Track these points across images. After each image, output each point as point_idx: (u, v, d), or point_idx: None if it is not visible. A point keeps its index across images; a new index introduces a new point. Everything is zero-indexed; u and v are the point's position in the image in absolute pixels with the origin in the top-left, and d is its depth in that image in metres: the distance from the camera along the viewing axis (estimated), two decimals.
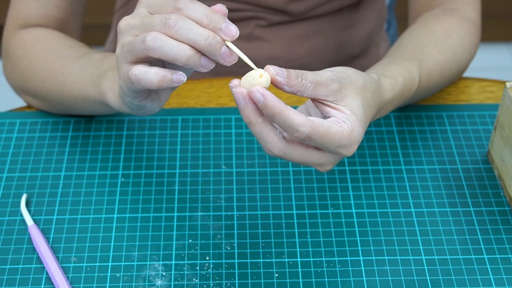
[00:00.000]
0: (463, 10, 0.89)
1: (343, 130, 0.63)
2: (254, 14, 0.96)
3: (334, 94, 0.63)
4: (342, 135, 0.62)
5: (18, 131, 0.86)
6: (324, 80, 0.63)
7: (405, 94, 0.75)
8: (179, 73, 0.62)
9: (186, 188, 0.79)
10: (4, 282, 0.71)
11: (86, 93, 0.77)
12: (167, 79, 0.61)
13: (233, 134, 0.85)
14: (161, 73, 0.62)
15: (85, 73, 0.77)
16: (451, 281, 0.71)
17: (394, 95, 0.73)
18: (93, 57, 0.79)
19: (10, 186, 0.80)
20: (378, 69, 0.75)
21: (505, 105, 0.78)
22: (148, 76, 0.62)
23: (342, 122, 0.63)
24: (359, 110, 0.65)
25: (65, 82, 0.80)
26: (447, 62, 0.83)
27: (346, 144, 0.63)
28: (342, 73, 0.65)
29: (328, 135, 0.61)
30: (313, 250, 0.74)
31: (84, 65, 0.78)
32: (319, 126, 0.61)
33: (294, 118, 0.60)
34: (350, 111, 0.64)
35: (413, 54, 0.80)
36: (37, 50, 0.83)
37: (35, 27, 0.87)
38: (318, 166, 0.65)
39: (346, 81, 0.65)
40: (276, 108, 0.59)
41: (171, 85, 0.62)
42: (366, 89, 0.67)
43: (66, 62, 0.80)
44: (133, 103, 0.67)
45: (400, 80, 0.74)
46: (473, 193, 0.79)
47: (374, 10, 1.04)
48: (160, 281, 0.71)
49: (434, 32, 0.84)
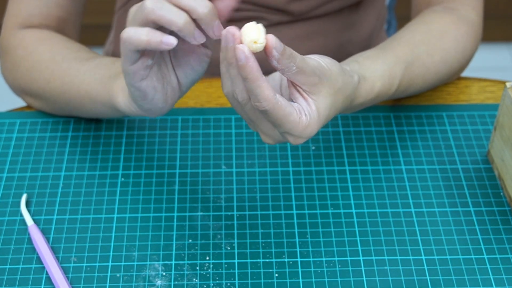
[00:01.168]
0: (463, 11, 0.89)
1: (300, 122, 0.64)
2: (255, 14, 0.96)
3: (310, 85, 0.65)
4: (297, 126, 0.64)
5: (18, 131, 0.86)
6: (308, 70, 0.64)
7: (376, 99, 0.77)
8: (170, 36, 0.63)
9: (186, 188, 0.79)
10: (4, 282, 0.71)
11: (94, 94, 0.77)
12: (157, 38, 0.63)
13: (233, 134, 0.85)
14: (151, 32, 0.63)
15: (94, 75, 0.77)
16: (451, 281, 0.71)
17: (365, 101, 0.74)
18: (104, 60, 0.79)
19: (10, 186, 0.80)
20: (365, 63, 0.75)
21: (505, 105, 0.78)
22: (138, 33, 0.63)
23: (303, 114, 0.65)
24: (324, 111, 0.66)
25: (71, 83, 0.79)
26: (434, 65, 0.83)
27: (295, 135, 0.65)
28: (327, 69, 0.66)
29: (284, 120, 0.63)
30: (313, 250, 0.74)
31: (93, 67, 0.78)
32: (279, 109, 0.63)
33: (263, 90, 0.62)
34: (316, 108, 0.66)
35: (404, 53, 0.80)
36: (42, 51, 0.83)
37: (37, 27, 0.87)
38: (261, 133, 0.67)
39: (326, 78, 0.66)
40: (252, 73, 0.61)
41: (160, 46, 0.63)
42: (340, 92, 0.68)
43: (73, 64, 0.80)
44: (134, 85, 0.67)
45: (378, 86, 0.75)
46: (473, 193, 0.79)
47: (374, 10, 1.05)
48: (160, 281, 0.71)
49: (431, 30, 0.84)
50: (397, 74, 0.78)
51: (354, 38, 1.02)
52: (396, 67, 0.78)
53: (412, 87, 0.82)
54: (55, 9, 0.88)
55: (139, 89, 0.67)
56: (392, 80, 0.77)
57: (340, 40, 1.01)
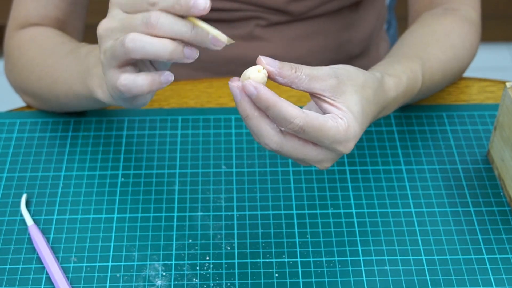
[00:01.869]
0: (463, 11, 0.89)
1: (339, 125, 0.62)
2: (254, 14, 0.96)
3: (331, 89, 0.63)
4: (338, 130, 0.62)
5: (18, 131, 0.86)
6: (320, 75, 0.63)
7: (408, 93, 0.75)
8: (166, 73, 0.62)
9: (186, 188, 0.79)
10: (4, 282, 0.71)
11: (76, 90, 0.77)
12: (156, 82, 0.62)
13: (233, 134, 0.85)
14: (149, 78, 0.62)
15: (72, 70, 0.77)
16: (451, 281, 0.71)
17: (398, 94, 0.72)
18: (79, 53, 0.78)
19: (10, 186, 0.80)
20: (381, 68, 0.74)
21: (505, 105, 0.78)
22: (137, 84, 0.62)
23: (338, 118, 0.63)
24: (356, 107, 0.64)
25: (57, 80, 0.80)
26: (449, 61, 0.83)
27: (341, 140, 0.63)
28: (342, 69, 0.65)
29: (323, 129, 0.61)
30: (313, 250, 0.74)
31: (72, 62, 0.78)
32: (313, 119, 0.61)
33: (288, 110, 0.60)
34: (347, 108, 0.64)
35: (416, 53, 0.80)
36: (33, 49, 0.84)
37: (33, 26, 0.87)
38: (316, 163, 0.65)
39: (345, 77, 0.64)
40: (270, 100, 0.60)
41: (160, 87, 0.62)
42: (367, 86, 0.66)
43: (57, 59, 0.80)
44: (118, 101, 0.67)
45: (404, 79, 0.74)
46: (473, 193, 0.79)
47: (374, 10, 1.05)
48: (160, 281, 0.71)
49: (435, 31, 0.84)
50: (417, 69, 0.77)
51: (354, 38, 1.02)
52: (413, 63, 0.77)
53: (433, 83, 0.81)
54: (53, 11, 0.88)
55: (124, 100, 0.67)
56: (415, 74, 0.76)
57: (340, 40, 1.01)
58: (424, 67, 0.78)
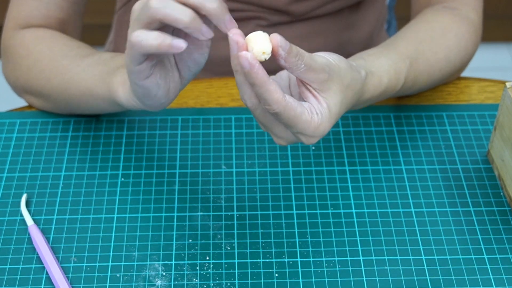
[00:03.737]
0: (464, 11, 0.89)
1: (312, 121, 0.64)
2: (255, 14, 0.96)
3: (319, 82, 0.65)
4: (309, 125, 0.64)
5: (18, 131, 0.86)
6: (316, 67, 0.64)
7: (384, 94, 0.77)
8: (179, 40, 0.62)
9: (186, 188, 0.79)
10: (4, 282, 0.71)
11: (94, 90, 0.77)
12: (166, 43, 0.62)
13: (233, 134, 0.85)
14: (161, 36, 0.62)
15: (93, 71, 0.77)
16: (451, 281, 0.71)
17: (372, 96, 0.74)
18: (103, 56, 0.79)
19: (10, 186, 0.80)
20: (370, 59, 0.75)
21: (505, 105, 0.78)
22: (148, 37, 0.63)
23: (314, 113, 0.65)
24: (335, 108, 0.66)
25: (71, 80, 0.79)
26: (438, 62, 0.83)
27: (308, 134, 0.65)
28: (335, 65, 0.66)
29: (295, 120, 0.63)
30: (313, 250, 0.74)
31: (92, 63, 0.78)
32: (290, 109, 0.63)
33: (272, 94, 0.62)
34: (327, 105, 0.66)
35: (407, 50, 0.80)
36: (41, 49, 0.83)
37: (37, 27, 0.87)
38: (274, 137, 0.68)
39: (335, 74, 0.66)
40: (258, 79, 0.61)
41: (170, 49, 0.62)
42: (350, 88, 0.68)
43: (73, 61, 0.80)
44: (138, 83, 0.67)
45: (385, 81, 0.75)
46: (473, 193, 0.79)
47: (375, 10, 1.05)
48: (160, 281, 0.71)
49: (433, 28, 0.84)
50: (402, 69, 0.78)
51: (354, 38, 1.02)
52: (400, 63, 0.78)
53: (417, 84, 0.82)
54: (55, 10, 0.88)
55: (142, 87, 0.67)
56: (398, 75, 0.77)
57: (340, 40, 1.01)
58: (410, 68, 0.79)
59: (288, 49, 0.62)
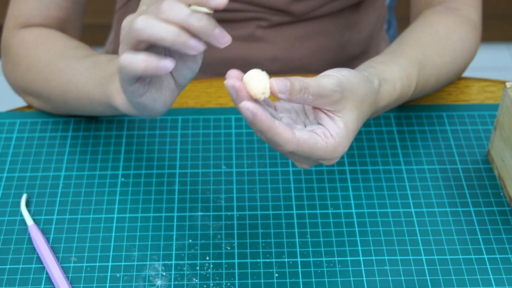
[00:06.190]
0: (464, 11, 0.89)
1: (328, 146, 0.63)
2: (256, 14, 0.96)
3: (333, 104, 0.64)
4: (326, 151, 0.63)
5: (18, 131, 0.86)
6: (326, 93, 0.63)
7: (399, 100, 0.77)
8: (166, 60, 0.61)
9: (186, 188, 0.79)
10: (4, 282, 0.71)
11: (92, 94, 0.77)
12: (153, 65, 0.60)
13: (233, 134, 0.85)
14: (147, 59, 0.61)
15: (90, 75, 0.77)
16: (451, 281, 0.71)
17: (389, 103, 0.74)
18: (99, 59, 0.78)
19: (10, 186, 0.80)
20: (381, 67, 0.75)
21: (505, 105, 0.78)
22: (134, 61, 0.61)
23: (329, 137, 0.63)
24: (352, 125, 0.65)
25: (69, 83, 0.79)
26: (445, 65, 0.83)
27: (327, 158, 0.64)
28: (347, 82, 0.65)
29: (312, 151, 0.62)
30: (313, 250, 0.74)
31: (90, 67, 0.78)
32: (304, 144, 0.62)
33: (281, 135, 0.61)
34: (344, 125, 0.64)
35: (416, 55, 0.80)
36: (40, 49, 0.83)
37: (37, 26, 0.87)
38: (297, 163, 0.66)
39: (348, 92, 0.65)
40: (264, 125, 0.60)
41: (157, 71, 0.61)
42: (364, 101, 0.67)
43: (71, 63, 0.80)
44: (133, 100, 0.67)
45: (398, 87, 0.75)
46: (473, 193, 0.79)
47: (375, 11, 1.05)
48: (160, 281, 0.71)
49: (437, 32, 0.84)
50: (413, 75, 0.78)
51: (354, 38, 1.02)
52: (411, 68, 0.78)
53: (426, 88, 0.82)
54: (55, 10, 0.88)
55: (139, 103, 0.67)
56: (410, 81, 0.77)
57: (340, 40, 1.01)
58: (420, 73, 0.79)
59: (289, 89, 0.61)
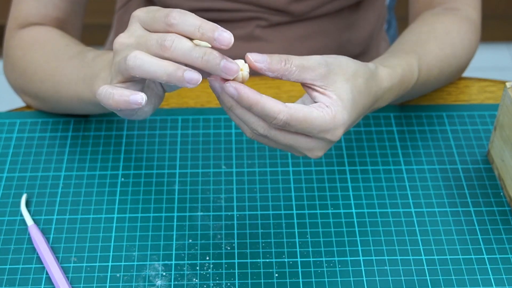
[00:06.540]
0: (464, 10, 0.89)
1: (325, 114, 0.63)
2: (255, 14, 0.96)
3: (321, 78, 0.64)
4: (324, 119, 0.63)
5: (18, 131, 0.86)
6: (311, 64, 0.63)
7: (404, 85, 0.75)
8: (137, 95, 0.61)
9: (186, 188, 0.79)
10: (4, 282, 0.71)
11: (80, 94, 0.76)
12: (123, 101, 0.61)
13: (233, 134, 0.85)
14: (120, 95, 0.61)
15: (78, 74, 0.77)
16: (451, 281, 0.71)
17: (392, 84, 0.72)
18: (86, 57, 0.77)
19: (10, 186, 0.80)
20: (377, 60, 0.75)
21: (505, 105, 0.78)
22: (109, 96, 0.62)
23: (325, 107, 0.63)
24: (347, 95, 0.65)
25: (61, 83, 0.79)
26: (447, 57, 0.83)
27: (329, 128, 0.63)
28: (332, 59, 0.65)
29: (308, 120, 0.62)
30: (313, 250, 0.74)
31: (77, 65, 0.78)
32: (297, 112, 0.61)
33: (271, 106, 0.61)
34: (337, 96, 0.64)
35: (413, 48, 0.80)
36: (35, 50, 0.83)
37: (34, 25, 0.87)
38: (307, 152, 0.65)
39: (336, 66, 0.65)
40: (251, 99, 0.60)
41: (129, 107, 0.61)
42: (358, 75, 0.66)
43: (61, 62, 0.80)
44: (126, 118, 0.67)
45: (399, 70, 0.74)
46: (473, 193, 0.79)
47: (375, 10, 1.05)
48: (160, 281, 0.71)
49: (435, 29, 0.84)
50: (413, 63, 0.77)
51: (354, 38, 1.02)
52: (409, 58, 0.77)
53: (430, 79, 0.81)
54: (53, 10, 0.88)
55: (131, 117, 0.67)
56: (411, 67, 0.76)
57: (340, 40, 1.01)
58: (421, 62, 0.79)
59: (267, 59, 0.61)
